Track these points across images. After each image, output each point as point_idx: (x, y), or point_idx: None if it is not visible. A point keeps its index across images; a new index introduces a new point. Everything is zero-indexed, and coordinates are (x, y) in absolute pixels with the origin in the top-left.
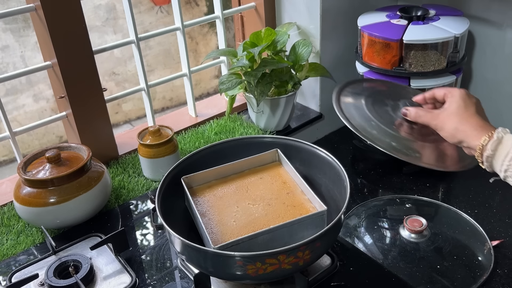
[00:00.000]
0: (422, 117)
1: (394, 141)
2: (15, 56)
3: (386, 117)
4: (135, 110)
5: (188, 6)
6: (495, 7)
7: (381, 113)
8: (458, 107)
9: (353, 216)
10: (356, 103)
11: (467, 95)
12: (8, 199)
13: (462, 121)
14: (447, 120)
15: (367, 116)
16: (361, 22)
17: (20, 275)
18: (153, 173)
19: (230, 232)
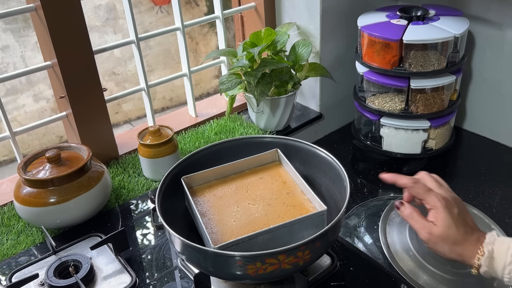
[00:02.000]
0: (415, 223)
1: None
2: (15, 56)
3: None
4: (135, 110)
5: (188, 6)
6: (495, 7)
7: (421, 239)
8: (449, 227)
9: (353, 216)
10: (400, 226)
11: (450, 209)
12: (8, 199)
13: (456, 243)
14: (439, 242)
15: (407, 244)
16: (361, 22)
17: (20, 275)
18: (153, 173)
19: (230, 232)
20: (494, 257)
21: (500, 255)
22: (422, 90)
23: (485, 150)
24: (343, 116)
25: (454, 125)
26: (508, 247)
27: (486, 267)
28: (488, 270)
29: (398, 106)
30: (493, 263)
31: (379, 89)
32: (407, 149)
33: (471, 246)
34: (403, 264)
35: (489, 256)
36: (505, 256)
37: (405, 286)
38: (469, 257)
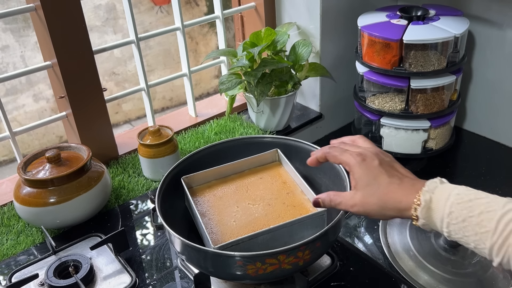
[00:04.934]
0: (339, 205)
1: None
2: (15, 56)
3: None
4: (135, 110)
5: (188, 6)
6: (495, 7)
7: (421, 239)
8: (368, 184)
9: (353, 216)
10: (401, 227)
11: (368, 163)
12: (8, 199)
13: (383, 198)
14: (365, 203)
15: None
16: (361, 22)
17: (20, 275)
18: (153, 173)
19: (230, 232)
20: (432, 207)
21: (438, 205)
22: (422, 90)
23: (485, 150)
24: (343, 116)
25: (454, 125)
26: (448, 196)
27: (424, 219)
28: (426, 222)
29: (398, 106)
30: (432, 214)
31: (379, 89)
32: (407, 149)
33: (404, 196)
34: (403, 264)
35: (426, 206)
36: (443, 207)
37: (405, 286)
38: (406, 209)
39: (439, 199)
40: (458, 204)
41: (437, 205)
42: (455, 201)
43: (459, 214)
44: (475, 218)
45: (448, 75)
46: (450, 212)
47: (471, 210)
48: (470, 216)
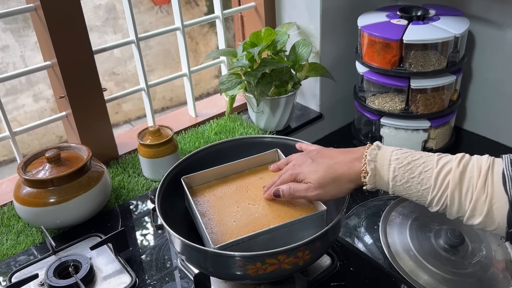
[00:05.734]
0: (298, 191)
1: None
2: (15, 56)
3: (426, 245)
4: (135, 110)
5: (188, 6)
6: (495, 7)
7: (422, 239)
8: (316, 173)
9: (353, 216)
10: (401, 227)
11: (308, 157)
12: (8, 199)
13: (333, 177)
14: (321, 185)
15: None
16: (361, 22)
17: (20, 275)
18: (153, 173)
19: (230, 232)
20: (377, 174)
21: (383, 171)
22: (422, 90)
23: (485, 150)
24: (343, 116)
25: (454, 125)
26: (389, 162)
27: (371, 184)
28: (374, 186)
29: (398, 106)
30: (378, 180)
31: (379, 89)
32: None
33: (350, 168)
34: (403, 264)
35: (373, 174)
36: (387, 172)
37: (405, 286)
38: (356, 178)
39: (382, 165)
40: (399, 168)
41: (381, 172)
42: (397, 166)
43: (402, 176)
44: (416, 179)
45: (448, 75)
46: (394, 176)
47: (412, 172)
48: (412, 178)
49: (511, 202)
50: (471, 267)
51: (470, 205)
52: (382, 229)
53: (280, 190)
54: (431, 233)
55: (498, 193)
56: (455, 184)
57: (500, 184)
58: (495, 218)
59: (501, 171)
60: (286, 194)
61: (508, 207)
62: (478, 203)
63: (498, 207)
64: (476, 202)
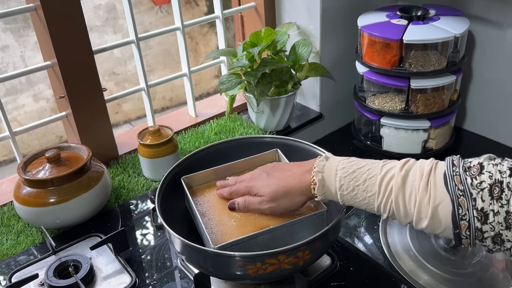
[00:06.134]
0: (253, 205)
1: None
2: (15, 56)
3: (426, 245)
4: (135, 110)
5: (188, 6)
6: (495, 7)
7: (422, 239)
8: (269, 187)
9: (353, 216)
10: (401, 227)
11: (258, 174)
12: (8, 199)
13: (285, 190)
14: (274, 198)
15: (407, 244)
16: (361, 22)
17: (20, 275)
18: (153, 173)
19: (230, 232)
20: (325, 184)
21: (330, 181)
22: (422, 90)
23: (485, 150)
24: (343, 116)
25: (454, 125)
26: (336, 171)
27: (321, 195)
28: (324, 197)
29: (398, 106)
30: (326, 190)
31: (379, 89)
32: (407, 149)
33: (300, 181)
34: (403, 264)
35: (321, 185)
36: (334, 182)
37: (405, 286)
38: (307, 190)
39: (329, 175)
40: (345, 177)
41: (329, 182)
42: (342, 175)
43: (348, 185)
44: (361, 186)
45: (448, 75)
46: (340, 185)
47: (357, 180)
48: (357, 185)
49: (453, 201)
50: (471, 267)
51: (415, 208)
52: (382, 229)
53: (235, 203)
54: (431, 234)
55: (440, 194)
56: (398, 189)
57: (442, 185)
58: (440, 219)
59: (443, 172)
60: (241, 207)
61: (451, 207)
62: (422, 205)
63: (442, 208)
64: (420, 205)
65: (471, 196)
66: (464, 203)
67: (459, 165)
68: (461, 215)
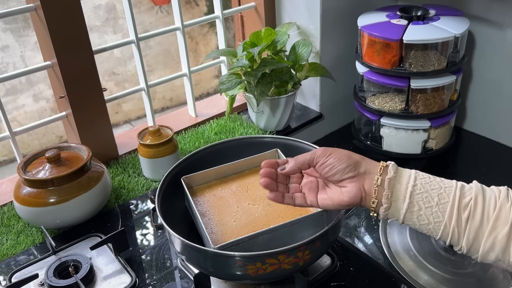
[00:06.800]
0: (302, 158)
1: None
2: (15, 56)
3: (426, 245)
4: (135, 110)
5: (188, 6)
6: (495, 7)
7: (422, 239)
8: (338, 150)
9: (353, 216)
10: (401, 227)
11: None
12: (8, 199)
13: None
14: (339, 150)
15: (407, 244)
16: (361, 22)
17: (20, 275)
18: (153, 173)
19: (230, 232)
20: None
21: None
22: (422, 90)
23: (485, 150)
24: (343, 116)
25: (454, 125)
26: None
27: (388, 189)
28: (391, 191)
29: (398, 106)
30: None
31: (379, 89)
32: (407, 149)
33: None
34: (403, 264)
35: (392, 183)
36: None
37: (405, 286)
38: (373, 165)
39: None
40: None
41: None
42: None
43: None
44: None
45: (448, 75)
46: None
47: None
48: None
49: None
50: (471, 267)
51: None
52: (382, 229)
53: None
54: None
55: None
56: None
57: None
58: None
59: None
60: (293, 164)
61: None
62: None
63: None
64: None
65: None
66: None
67: None
68: None
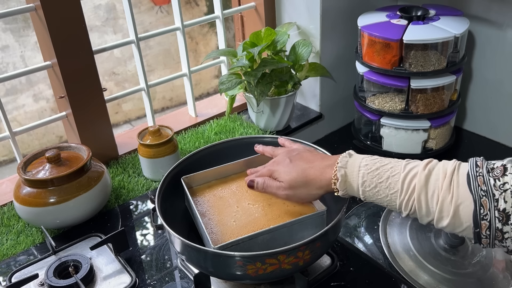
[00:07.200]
0: (271, 189)
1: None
2: (15, 56)
3: (426, 245)
4: (135, 110)
5: (188, 6)
6: (495, 7)
7: (422, 239)
8: (290, 175)
9: (353, 216)
10: (401, 227)
11: (284, 166)
12: (8, 199)
13: (305, 181)
14: (292, 186)
15: (407, 244)
16: (361, 22)
17: (20, 275)
18: (153, 173)
19: (230, 232)
20: (347, 180)
21: (352, 177)
22: (422, 90)
23: (485, 150)
24: (343, 116)
25: (454, 125)
26: (359, 168)
27: (342, 190)
28: (345, 192)
29: (398, 106)
30: (348, 186)
31: (379, 89)
32: (407, 149)
33: (321, 174)
34: (403, 264)
35: (342, 180)
36: (357, 178)
37: (405, 286)
38: (327, 184)
39: (352, 171)
40: (368, 174)
41: (351, 178)
42: (365, 172)
43: (371, 182)
44: (384, 183)
45: (448, 75)
46: (363, 181)
47: (380, 177)
48: (380, 182)
49: (475, 201)
50: (471, 267)
51: (437, 206)
52: (382, 229)
53: (255, 182)
54: (431, 233)
55: (463, 194)
56: (421, 187)
57: (465, 185)
58: (462, 218)
59: (466, 172)
60: (259, 187)
61: (473, 206)
62: (444, 204)
63: (464, 207)
64: (442, 203)
65: (494, 197)
66: (486, 204)
67: (482, 166)
68: (483, 215)
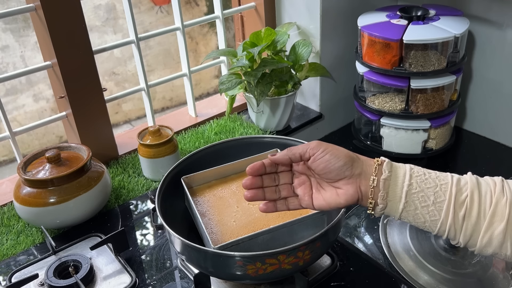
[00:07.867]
0: (294, 149)
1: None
2: (15, 56)
3: (426, 245)
4: (135, 110)
5: (188, 6)
6: (495, 7)
7: (422, 239)
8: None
9: (353, 216)
10: (401, 227)
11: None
12: (8, 199)
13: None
14: (333, 146)
15: (407, 244)
16: (361, 22)
17: (20, 275)
18: (153, 173)
19: (230, 232)
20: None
21: (400, 169)
22: (422, 90)
23: (485, 150)
24: (343, 116)
25: (454, 125)
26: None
27: (388, 171)
28: (389, 174)
29: (398, 106)
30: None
31: (379, 89)
32: (407, 149)
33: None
34: (403, 264)
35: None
36: (399, 205)
37: (405, 286)
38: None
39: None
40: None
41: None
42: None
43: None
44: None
45: (448, 75)
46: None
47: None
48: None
49: None
50: (471, 267)
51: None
52: (382, 229)
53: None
54: (431, 233)
55: None
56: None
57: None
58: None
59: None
60: (282, 154)
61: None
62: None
63: None
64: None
65: None
66: None
67: None
68: None
